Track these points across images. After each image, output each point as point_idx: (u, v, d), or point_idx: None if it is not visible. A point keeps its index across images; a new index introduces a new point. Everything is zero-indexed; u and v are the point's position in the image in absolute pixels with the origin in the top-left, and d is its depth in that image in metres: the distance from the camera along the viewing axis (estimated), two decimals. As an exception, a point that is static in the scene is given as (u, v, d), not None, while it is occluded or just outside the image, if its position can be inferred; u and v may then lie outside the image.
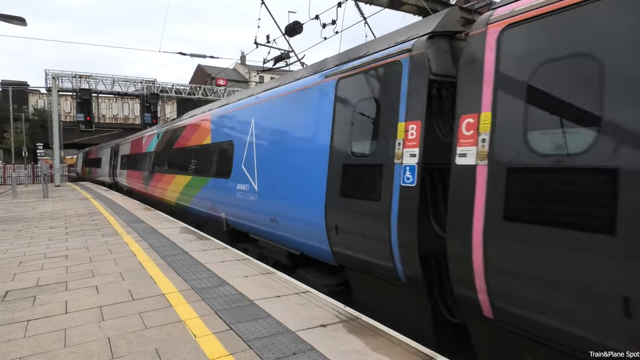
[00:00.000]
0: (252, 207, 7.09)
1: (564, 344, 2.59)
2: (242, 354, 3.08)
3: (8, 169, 32.82)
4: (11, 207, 14.22)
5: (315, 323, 3.67)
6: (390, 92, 4.27)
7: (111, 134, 40.20)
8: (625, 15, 2.39)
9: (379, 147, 4.32)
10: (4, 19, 13.03)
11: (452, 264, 3.31)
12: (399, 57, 4.19)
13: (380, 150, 4.29)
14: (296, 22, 10.27)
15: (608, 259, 2.32)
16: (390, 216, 4.04)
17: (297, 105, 6.02)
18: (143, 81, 35.66)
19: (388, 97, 4.29)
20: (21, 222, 10.36)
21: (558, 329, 2.59)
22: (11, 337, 3.43)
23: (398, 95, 4.13)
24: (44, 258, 6.30)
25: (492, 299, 2.99)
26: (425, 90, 3.82)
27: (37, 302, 4.29)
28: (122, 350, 3.17)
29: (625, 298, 2.24)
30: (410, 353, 3.10)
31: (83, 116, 25.79)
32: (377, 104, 4.47)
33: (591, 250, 2.40)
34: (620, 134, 2.33)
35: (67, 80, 31.45)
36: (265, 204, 6.68)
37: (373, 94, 4.55)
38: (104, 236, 8.10)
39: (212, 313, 3.93)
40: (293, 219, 5.89)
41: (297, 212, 5.76)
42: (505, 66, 3.01)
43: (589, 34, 2.54)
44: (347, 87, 4.98)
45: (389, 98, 4.27)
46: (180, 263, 5.88)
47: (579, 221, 2.47)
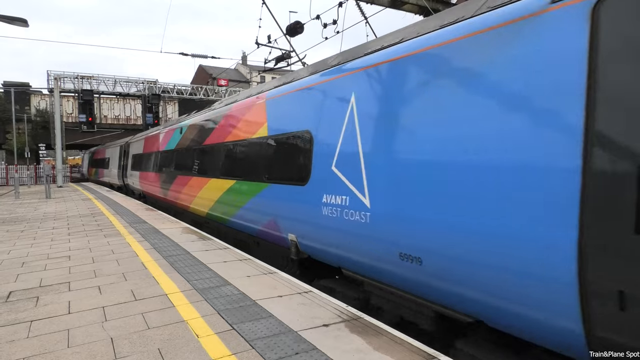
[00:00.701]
0: (354, 231, 4.63)
1: None
2: (244, 354, 3.09)
3: (11, 170, 32.92)
4: (14, 208, 14.26)
5: (317, 323, 3.67)
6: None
7: (113, 134, 40.30)
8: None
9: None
10: (6, 20, 13.07)
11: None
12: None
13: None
14: (297, 22, 10.27)
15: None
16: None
17: (494, 54, 3.26)
18: (145, 82, 35.74)
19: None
20: (24, 222, 10.39)
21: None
22: (15, 337, 3.44)
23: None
24: (47, 259, 6.32)
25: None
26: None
27: (40, 303, 4.30)
28: (125, 350, 3.18)
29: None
30: (412, 352, 3.10)
31: (85, 117, 25.85)
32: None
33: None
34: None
35: (69, 81, 31.55)
36: (388, 229, 4.15)
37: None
38: (107, 237, 8.12)
39: (214, 313, 3.94)
40: (470, 263, 3.32)
41: (483, 252, 3.21)
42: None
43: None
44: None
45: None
46: (183, 263, 5.89)
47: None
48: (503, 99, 3.14)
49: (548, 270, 2.77)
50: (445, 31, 3.77)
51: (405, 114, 4.04)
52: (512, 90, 3.08)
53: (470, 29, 3.49)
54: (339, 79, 5.17)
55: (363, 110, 4.64)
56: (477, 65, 3.38)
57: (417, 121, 3.92)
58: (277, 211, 6.33)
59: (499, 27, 3.25)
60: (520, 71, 3.02)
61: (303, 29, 10.32)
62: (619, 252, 2.43)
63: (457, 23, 3.72)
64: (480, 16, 3.50)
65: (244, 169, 7.46)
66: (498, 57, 3.22)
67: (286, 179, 6.05)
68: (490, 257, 3.16)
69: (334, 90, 5.21)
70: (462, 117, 3.46)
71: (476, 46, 3.40)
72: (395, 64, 4.28)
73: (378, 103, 4.41)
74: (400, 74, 4.18)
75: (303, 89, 5.94)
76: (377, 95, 4.46)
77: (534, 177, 2.87)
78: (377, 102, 4.42)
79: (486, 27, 3.36)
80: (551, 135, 2.78)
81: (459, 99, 3.50)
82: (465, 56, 3.49)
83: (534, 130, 2.89)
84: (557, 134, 2.75)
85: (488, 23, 3.36)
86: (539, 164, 2.84)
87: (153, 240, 7.62)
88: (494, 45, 3.25)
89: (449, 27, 3.77)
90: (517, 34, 3.08)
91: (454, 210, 3.43)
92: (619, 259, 2.44)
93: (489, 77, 3.28)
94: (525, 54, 3.00)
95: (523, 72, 3.00)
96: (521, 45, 3.04)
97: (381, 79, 4.45)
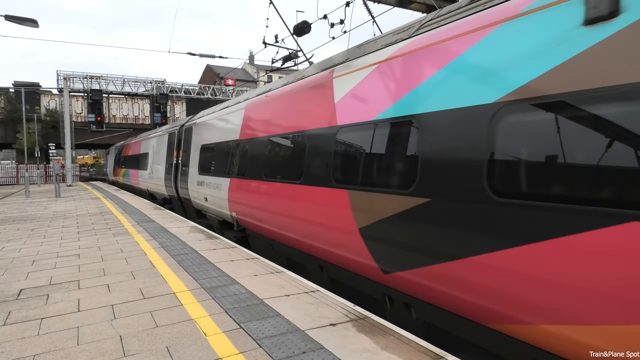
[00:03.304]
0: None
1: None
2: (252, 353, 3.10)
3: (21, 169, 33.30)
4: (24, 206, 14.43)
5: (324, 322, 3.67)
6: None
7: (122, 134, 40.64)
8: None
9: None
10: (17, 21, 13.22)
11: None
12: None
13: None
14: (304, 21, 10.26)
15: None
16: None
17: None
18: (153, 81, 36.04)
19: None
20: (34, 221, 10.51)
21: None
22: (25, 334, 3.49)
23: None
24: (57, 257, 6.39)
25: None
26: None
27: (50, 301, 4.35)
28: (133, 348, 3.21)
29: None
30: (419, 352, 3.09)
31: (94, 116, 26.03)
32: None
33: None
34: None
35: (79, 81, 31.91)
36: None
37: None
38: (115, 235, 8.19)
39: (222, 312, 3.96)
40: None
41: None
42: None
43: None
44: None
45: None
46: (190, 262, 5.92)
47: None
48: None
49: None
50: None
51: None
52: None
53: None
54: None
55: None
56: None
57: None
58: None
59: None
60: None
61: (310, 28, 10.32)
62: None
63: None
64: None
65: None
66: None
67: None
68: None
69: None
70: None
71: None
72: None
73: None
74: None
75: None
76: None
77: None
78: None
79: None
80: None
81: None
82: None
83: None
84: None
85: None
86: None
87: (161, 239, 7.67)
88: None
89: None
90: None
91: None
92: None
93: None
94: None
95: None
96: None
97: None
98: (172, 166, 14.09)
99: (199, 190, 10.97)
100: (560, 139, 2.74)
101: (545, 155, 2.83)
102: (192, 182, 11.69)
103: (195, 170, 11.50)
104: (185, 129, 13.31)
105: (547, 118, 2.83)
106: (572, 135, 2.69)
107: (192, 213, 12.38)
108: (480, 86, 3.37)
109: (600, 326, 2.50)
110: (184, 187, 12.65)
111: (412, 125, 4.02)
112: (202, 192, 10.72)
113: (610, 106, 2.48)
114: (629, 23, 2.42)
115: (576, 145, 2.66)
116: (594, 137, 2.57)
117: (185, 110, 45.14)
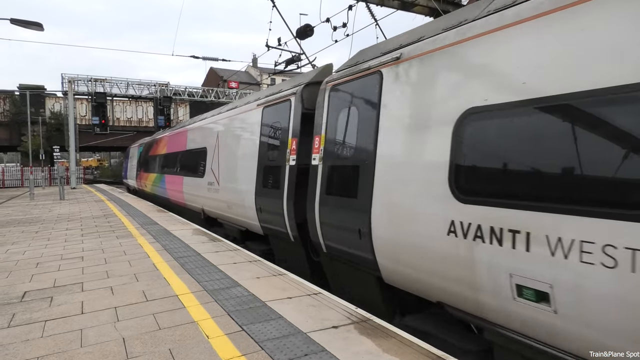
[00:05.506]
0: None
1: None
2: (254, 355, 3.11)
3: (26, 171, 33.48)
4: (29, 209, 14.52)
5: (327, 324, 3.68)
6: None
7: (125, 136, 40.80)
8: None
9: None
10: (22, 24, 13.33)
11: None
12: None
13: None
14: (307, 25, 10.30)
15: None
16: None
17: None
18: (156, 84, 36.16)
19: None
20: (38, 223, 10.57)
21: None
22: (29, 337, 3.51)
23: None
24: (61, 259, 6.42)
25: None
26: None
27: (54, 303, 4.38)
28: (136, 350, 3.22)
29: None
30: (421, 354, 3.09)
31: (98, 119, 26.22)
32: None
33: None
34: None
35: (83, 83, 32.06)
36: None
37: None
38: (119, 238, 8.22)
39: (224, 314, 3.97)
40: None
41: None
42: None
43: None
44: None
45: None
46: (193, 264, 5.94)
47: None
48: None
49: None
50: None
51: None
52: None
53: None
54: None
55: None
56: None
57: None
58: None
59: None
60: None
61: (313, 31, 10.35)
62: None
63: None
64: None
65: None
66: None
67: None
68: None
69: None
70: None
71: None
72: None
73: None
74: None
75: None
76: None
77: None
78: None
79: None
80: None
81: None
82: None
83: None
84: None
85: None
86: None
87: (164, 242, 7.70)
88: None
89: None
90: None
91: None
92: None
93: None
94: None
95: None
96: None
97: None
98: (285, 170, 6.58)
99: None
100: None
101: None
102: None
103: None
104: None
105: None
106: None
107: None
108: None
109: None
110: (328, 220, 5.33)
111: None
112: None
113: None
114: None
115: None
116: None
117: (188, 112, 45.28)
